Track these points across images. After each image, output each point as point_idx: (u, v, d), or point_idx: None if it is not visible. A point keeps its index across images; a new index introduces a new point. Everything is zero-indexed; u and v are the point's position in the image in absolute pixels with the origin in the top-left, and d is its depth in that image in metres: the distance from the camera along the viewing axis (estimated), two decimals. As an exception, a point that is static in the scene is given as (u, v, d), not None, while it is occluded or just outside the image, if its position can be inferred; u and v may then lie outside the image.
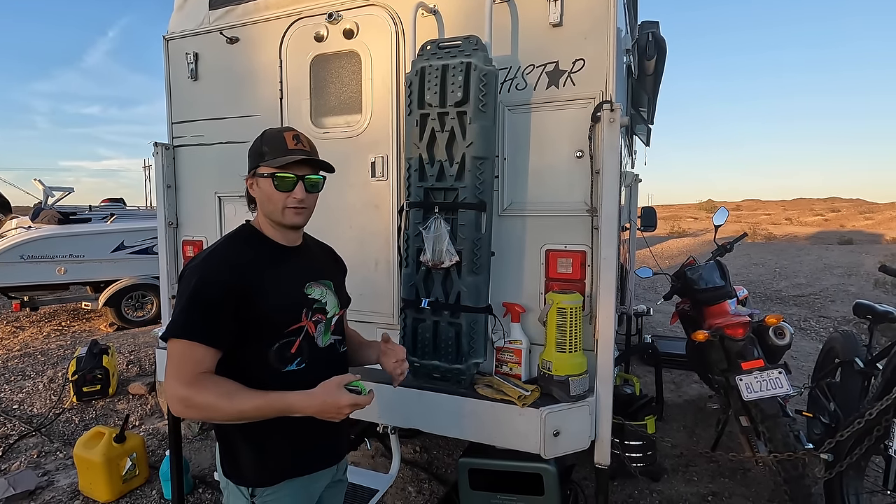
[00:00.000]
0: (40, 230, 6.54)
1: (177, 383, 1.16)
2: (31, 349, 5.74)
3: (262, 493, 1.29)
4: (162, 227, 2.74)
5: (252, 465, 1.28)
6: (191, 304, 1.19)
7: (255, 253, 1.30)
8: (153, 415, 4.03)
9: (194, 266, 1.25)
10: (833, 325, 6.54)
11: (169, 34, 2.71)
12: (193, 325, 1.18)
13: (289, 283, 1.33)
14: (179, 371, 1.16)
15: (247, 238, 1.34)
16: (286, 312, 1.30)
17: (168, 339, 1.19)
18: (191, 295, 1.20)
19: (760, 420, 2.46)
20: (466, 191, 1.89)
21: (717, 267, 3.21)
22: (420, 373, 2.03)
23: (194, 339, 1.18)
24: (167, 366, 1.18)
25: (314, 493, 1.39)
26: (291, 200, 1.28)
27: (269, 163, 1.28)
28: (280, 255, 1.34)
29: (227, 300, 1.20)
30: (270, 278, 1.28)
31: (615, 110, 1.78)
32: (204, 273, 1.23)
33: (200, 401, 1.14)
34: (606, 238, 1.81)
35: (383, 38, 2.20)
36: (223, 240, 1.34)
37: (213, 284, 1.21)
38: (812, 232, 23.04)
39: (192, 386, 1.15)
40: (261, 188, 1.30)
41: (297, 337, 1.30)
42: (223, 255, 1.28)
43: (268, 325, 1.26)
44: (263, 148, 1.30)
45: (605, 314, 1.83)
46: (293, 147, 1.29)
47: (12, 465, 3.23)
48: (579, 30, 1.90)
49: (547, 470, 1.96)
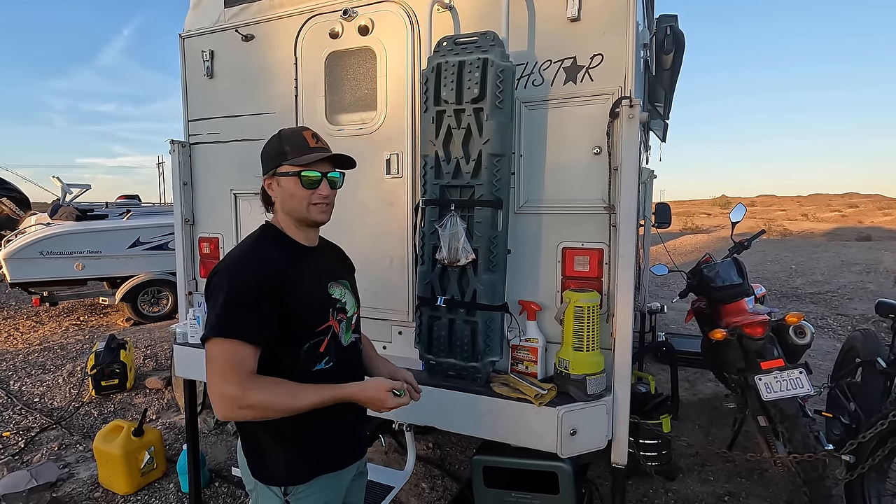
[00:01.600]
0: (59, 227, 6.66)
1: (225, 384, 1.15)
2: (51, 343, 5.86)
3: (295, 492, 1.30)
4: (178, 224, 2.76)
5: (283, 463, 1.29)
6: (230, 303, 1.19)
7: (283, 252, 1.31)
8: (170, 409, 4.09)
9: (228, 266, 1.25)
10: (851, 323, 6.43)
11: (185, 32, 2.72)
12: (236, 323, 1.18)
13: (315, 283, 1.35)
14: (227, 371, 1.16)
15: (273, 237, 1.35)
16: (316, 312, 1.32)
17: (209, 340, 1.18)
18: (229, 294, 1.19)
19: (779, 420, 2.42)
20: (483, 188, 1.88)
21: (735, 264, 3.17)
22: (436, 371, 2.03)
23: (239, 337, 1.17)
24: (210, 367, 1.18)
25: (343, 487, 1.42)
26: (317, 197, 1.30)
27: (294, 161, 1.29)
28: (304, 255, 1.36)
29: (266, 297, 1.21)
30: (300, 277, 1.29)
31: (634, 106, 1.75)
32: (240, 271, 1.23)
33: (255, 400, 1.15)
34: (624, 235, 1.79)
35: (399, 34, 2.19)
36: (251, 240, 1.34)
37: (251, 282, 1.21)
38: (829, 228, 22.63)
39: (244, 386, 1.15)
40: (283, 187, 1.31)
41: (326, 336, 1.33)
42: (257, 254, 1.28)
43: (300, 324, 1.28)
44: (285, 147, 1.31)
45: (623, 313, 1.81)
46: (315, 145, 1.31)
47: (34, 456, 3.31)
48: (597, 24, 1.87)
49: (562, 468, 1.95)
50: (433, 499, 2.80)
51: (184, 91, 2.76)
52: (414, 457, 2.37)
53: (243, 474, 1.37)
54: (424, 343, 2.03)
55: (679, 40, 2.58)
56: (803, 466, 2.32)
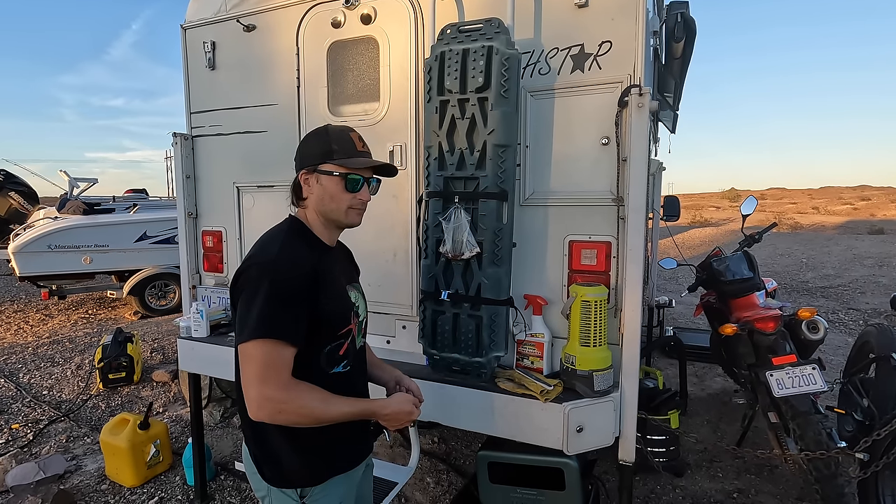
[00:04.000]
0: (66, 220, 6.69)
1: (267, 387, 1.13)
2: (60, 336, 5.91)
3: (312, 493, 1.28)
4: (182, 217, 2.75)
5: (299, 466, 1.27)
6: (270, 301, 1.14)
7: (312, 250, 1.28)
8: (176, 402, 4.11)
9: (263, 263, 1.20)
10: (863, 317, 6.33)
11: (186, 23, 2.69)
12: (277, 323, 1.15)
13: (338, 285, 1.33)
14: (269, 374, 1.13)
15: (303, 234, 1.32)
16: (341, 314, 1.30)
17: (248, 341, 1.14)
18: (268, 292, 1.15)
19: (791, 417, 2.38)
20: (487, 180, 1.84)
21: (745, 258, 3.11)
22: (440, 366, 2.00)
23: (281, 338, 1.14)
24: (249, 369, 1.14)
25: (357, 483, 1.41)
26: (357, 201, 1.30)
27: (341, 162, 1.27)
28: (327, 255, 1.33)
29: (304, 295, 1.18)
30: (329, 278, 1.27)
31: (644, 94, 1.70)
32: (278, 269, 1.18)
33: (296, 406, 1.14)
34: (633, 228, 1.74)
35: (402, 22, 2.14)
36: (281, 235, 1.28)
37: (290, 280, 1.18)
38: (840, 221, 22.32)
39: (287, 390, 1.14)
40: (323, 186, 1.28)
41: (346, 340, 1.31)
42: (292, 251, 1.24)
43: (326, 326, 1.26)
44: (333, 146, 1.28)
45: (631, 307, 1.77)
46: (361, 149, 1.31)
47: (42, 449, 3.33)
48: (606, 10, 1.82)
49: (569, 465, 1.92)
50: (438, 494, 2.78)
51: (186, 83, 2.73)
52: (418, 452, 2.35)
53: (253, 481, 1.34)
54: (428, 338, 2.00)
55: (690, 27, 2.51)
56: (815, 464, 2.27)
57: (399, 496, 2.67)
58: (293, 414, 1.15)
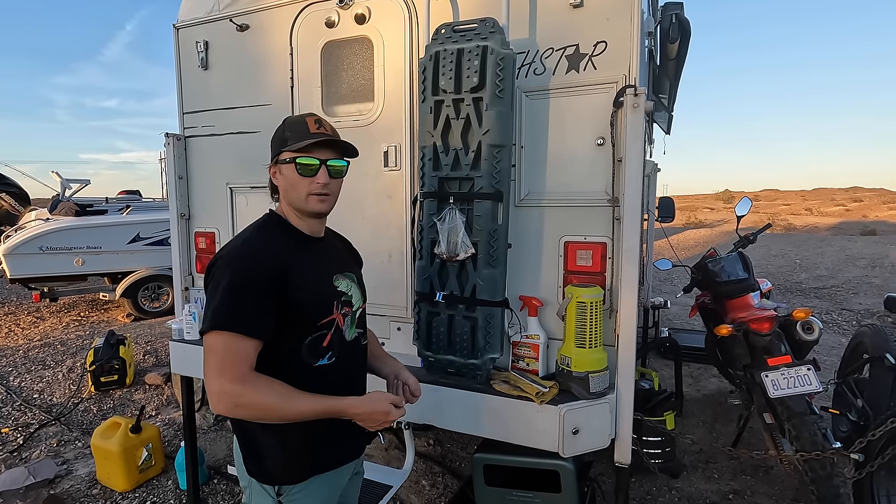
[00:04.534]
0: (58, 222, 6.62)
1: (223, 380, 1.11)
2: (51, 339, 5.85)
3: (289, 492, 1.26)
4: (174, 219, 2.72)
5: (278, 462, 1.24)
6: (231, 293, 1.14)
7: (287, 242, 1.27)
8: (169, 405, 4.07)
9: (227, 255, 1.20)
10: (856, 318, 6.37)
11: (179, 22, 2.66)
12: (236, 315, 1.13)
13: (319, 275, 1.30)
14: (225, 366, 1.11)
15: (277, 226, 1.30)
16: (320, 304, 1.27)
17: (208, 333, 1.14)
18: (229, 285, 1.14)
19: (786, 418, 2.38)
20: (482, 180, 1.83)
21: (740, 259, 3.11)
22: (435, 368, 1.98)
23: (239, 330, 1.13)
24: (208, 361, 1.13)
25: (340, 487, 1.38)
26: (315, 186, 1.24)
27: (292, 147, 1.24)
28: (309, 246, 1.31)
29: (268, 288, 1.16)
30: (304, 268, 1.24)
31: (639, 95, 1.70)
32: (241, 261, 1.18)
33: (252, 400, 1.11)
34: (629, 229, 1.74)
35: (396, 22, 2.13)
36: (253, 229, 1.29)
37: (252, 272, 1.16)
38: (833, 222, 22.48)
39: (243, 383, 1.11)
40: (284, 175, 1.27)
41: (329, 330, 1.28)
42: (258, 243, 1.24)
43: (302, 316, 1.23)
44: (286, 133, 1.26)
45: (627, 308, 1.76)
46: (315, 130, 1.25)
47: (32, 453, 3.29)
48: (601, 10, 1.81)
49: (564, 467, 1.91)
50: (434, 496, 2.76)
51: (178, 83, 2.71)
52: (413, 455, 2.33)
53: (238, 471, 1.33)
54: (423, 339, 1.99)
55: (685, 28, 2.51)
56: (811, 465, 2.27)
57: (394, 499, 2.65)
58: (250, 408, 1.12)
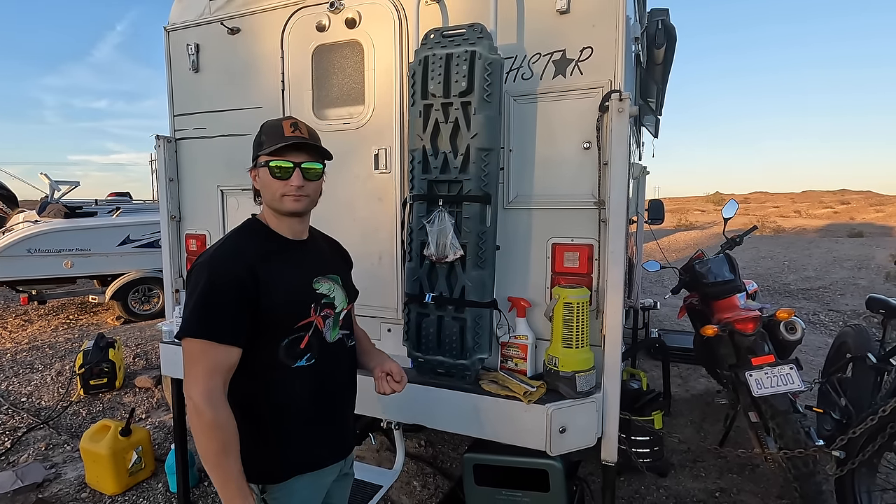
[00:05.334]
0: (47, 224, 6.56)
1: (193, 387, 1.13)
2: (40, 342, 5.79)
3: (272, 490, 1.27)
4: (165, 221, 2.72)
5: (262, 461, 1.26)
6: (204, 300, 1.16)
7: (263, 246, 1.28)
8: (159, 408, 4.05)
9: (203, 262, 1.22)
10: (843, 318, 6.47)
11: (170, 25, 2.67)
12: (209, 322, 1.15)
13: (297, 278, 1.31)
14: (197, 373, 1.14)
15: (254, 231, 1.32)
16: (295, 307, 1.28)
17: (183, 339, 1.16)
18: (203, 291, 1.16)
19: (770, 416, 2.42)
20: (471, 183, 1.85)
21: (727, 260, 3.16)
22: (424, 368, 2.00)
23: (211, 337, 1.15)
24: (184, 365, 1.16)
25: (324, 488, 1.39)
26: (289, 188, 1.26)
27: (267, 150, 1.26)
28: (287, 250, 1.32)
29: (241, 294, 1.18)
30: (278, 272, 1.26)
31: (624, 99, 1.73)
32: (214, 267, 1.20)
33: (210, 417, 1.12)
34: (614, 231, 1.77)
35: (386, 27, 2.15)
36: (230, 234, 1.32)
37: (225, 278, 1.18)
38: (821, 224, 22.78)
39: (209, 402, 1.12)
40: (261, 178, 1.30)
41: (307, 332, 1.29)
42: (232, 249, 1.26)
43: (277, 320, 1.25)
44: (262, 137, 1.29)
45: (613, 309, 1.79)
46: (290, 134, 1.26)
47: (20, 457, 3.26)
48: (587, 17, 1.85)
49: (553, 466, 1.93)
50: (424, 497, 2.78)
51: (169, 85, 2.71)
52: (403, 456, 2.35)
53: None
54: (413, 340, 2.00)
55: (671, 34, 2.56)
56: (794, 462, 2.32)
57: (385, 500, 2.66)
58: (201, 427, 1.12)
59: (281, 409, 1.28)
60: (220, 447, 1.13)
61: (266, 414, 1.24)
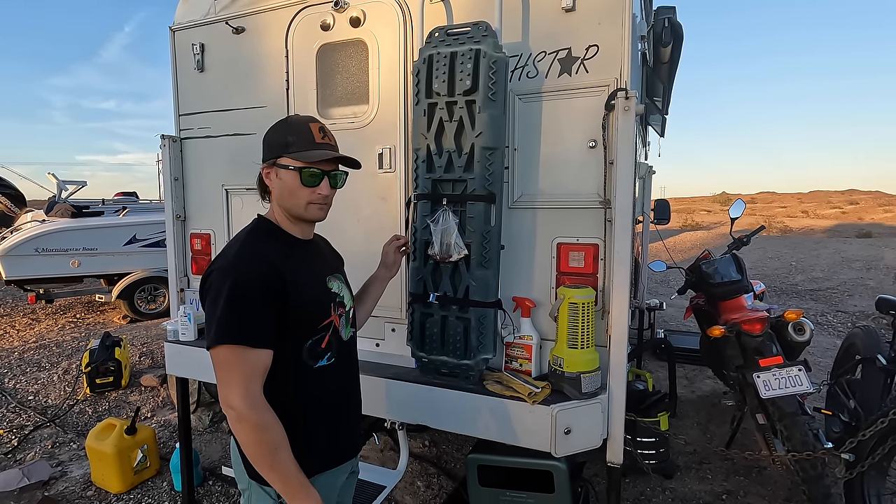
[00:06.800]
0: (54, 223, 6.61)
1: (231, 393, 1.10)
2: (47, 341, 5.83)
3: None
4: (170, 220, 2.73)
5: None
6: (232, 304, 1.12)
7: (280, 247, 1.26)
8: (165, 406, 4.06)
9: (223, 267, 1.18)
10: (851, 320, 6.40)
11: (175, 25, 2.68)
12: (241, 326, 1.12)
13: (314, 278, 1.30)
14: (234, 380, 1.11)
15: (268, 232, 1.29)
16: (318, 307, 1.28)
17: (214, 347, 1.12)
18: (230, 295, 1.12)
19: (778, 418, 2.39)
20: (475, 182, 1.84)
21: (734, 260, 3.13)
22: (428, 368, 1.99)
23: (244, 342, 1.12)
24: (218, 375, 1.13)
25: (338, 486, 1.39)
26: (316, 196, 1.25)
27: (297, 156, 1.23)
28: (301, 249, 1.31)
29: (266, 296, 1.15)
30: (299, 272, 1.24)
31: (630, 98, 1.72)
32: (239, 270, 1.16)
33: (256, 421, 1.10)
34: (620, 231, 1.75)
35: (390, 26, 2.15)
36: (244, 236, 1.27)
37: (251, 280, 1.15)
38: (829, 225, 22.56)
39: (250, 400, 1.10)
40: (282, 180, 1.25)
41: (328, 332, 1.29)
42: (252, 250, 1.22)
43: (303, 320, 1.23)
44: (289, 138, 1.25)
45: (619, 309, 1.77)
46: (321, 141, 1.25)
47: (27, 455, 3.28)
48: (593, 14, 1.83)
49: (557, 467, 1.92)
50: (428, 497, 2.77)
51: (174, 85, 2.72)
52: (407, 456, 2.34)
53: (237, 473, 1.33)
54: (417, 340, 1.99)
55: (677, 32, 2.54)
56: (802, 465, 2.29)
57: (389, 500, 2.65)
58: (249, 430, 1.11)
59: (303, 410, 1.26)
60: (271, 448, 1.11)
61: (287, 416, 1.20)
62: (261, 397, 1.13)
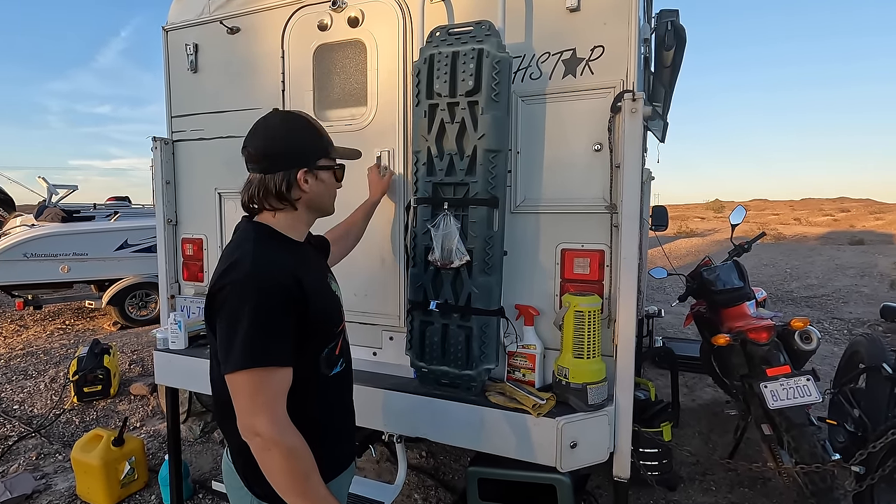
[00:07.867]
0: (44, 228, 6.49)
1: (260, 421, 1.01)
2: (35, 348, 5.70)
3: None
4: (161, 225, 2.65)
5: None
6: (257, 323, 1.03)
7: (289, 254, 1.18)
8: (154, 416, 3.95)
9: (241, 280, 1.07)
10: (847, 327, 6.38)
11: (168, 25, 2.62)
12: (268, 347, 1.03)
13: (322, 282, 1.24)
14: (259, 404, 1.02)
15: (273, 236, 1.20)
16: (334, 311, 1.24)
17: (234, 373, 1.02)
18: (254, 313, 1.03)
19: (785, 429, 2.34)
20: (478, 186, 1.78)
21: (735, 267, 3.09)
22: (428, 379, 1.93)
23: (272, 363, 1.03)
24: (238, 402, 1.03)
25: (345, 490, 1.35)
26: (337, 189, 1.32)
27: (337, 155, 1.27)
28: (304, 254, 1.25)
29: (291, 307, 1.08)
30: (311, 279, 1.16)
31: (637, 100, 1.67)
32: (261, 285, 1.06)
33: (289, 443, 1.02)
34: (627, 236, 1.70)
35: (390, 25, 2.10)
36: (253, 245, 1.14)
37: (274, 295, 1.06)
38: (822, 232, 22.74)
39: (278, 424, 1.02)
40: (323, 182, 1.24)
41: (341, 337, 1.26)
42: (268, 259, 1.12)
43: (321, 327, 1.17)
44: (325, 138, 1.25)
45: (626, 317, 1.72)
46: (328, 137, 1.29)
47: (10, 467, 3.16)
48: (598, 14, 1.79)
49: (561, 481, 1.86)
50: (426, 511, 2.69)
51: (167, 86, 2.66)
52: (405, 470, 2.26)
53: (233, 496, 1.24)
54: (416, 349, 1.93)
55: (680, 36, 2.51)
56: (811, 477, 2.23)
57: (385, 514, 2.57)
58: (281, 458, 1.02)
59: (320, 421, 1.20)
60: (302, 475, 1.04)
61: (306, 430, 1.10)
62: (287, 419, 1.05)
